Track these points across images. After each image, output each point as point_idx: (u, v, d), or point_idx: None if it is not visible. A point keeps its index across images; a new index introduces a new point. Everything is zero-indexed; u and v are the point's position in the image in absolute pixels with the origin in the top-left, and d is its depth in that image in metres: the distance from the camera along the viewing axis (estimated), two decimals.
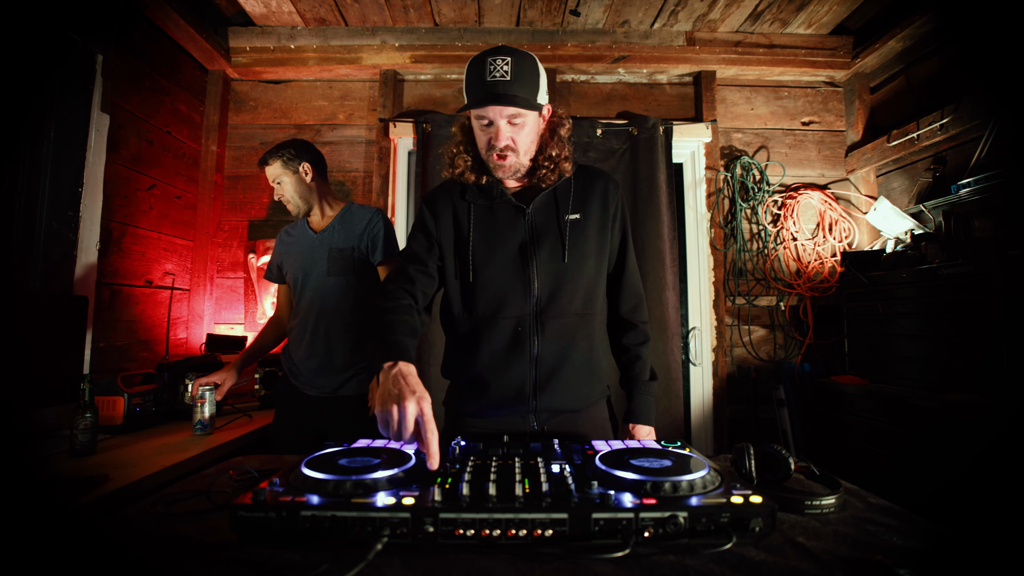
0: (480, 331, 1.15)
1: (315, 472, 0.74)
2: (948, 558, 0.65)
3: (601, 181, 1.23)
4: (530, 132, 1.13)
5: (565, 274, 1.15)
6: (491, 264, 1.15)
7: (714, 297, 2.60)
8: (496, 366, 1.14)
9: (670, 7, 2.43)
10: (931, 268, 1.88)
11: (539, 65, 1.11)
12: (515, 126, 1.10)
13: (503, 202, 1.17)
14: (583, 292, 1.17)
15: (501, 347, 1.14)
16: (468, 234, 1.17)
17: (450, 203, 1.21)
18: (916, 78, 2.42)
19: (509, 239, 1.16)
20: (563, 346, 1.14)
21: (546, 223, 1.17)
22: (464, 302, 1.18)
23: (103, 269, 1.97)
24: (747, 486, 0.72)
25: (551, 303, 1.14)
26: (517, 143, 1.12)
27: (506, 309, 1.14)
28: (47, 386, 1.54)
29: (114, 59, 1.99)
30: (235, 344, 2.31)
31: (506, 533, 0.64)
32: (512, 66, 1.06)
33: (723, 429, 2.53)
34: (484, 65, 1.07)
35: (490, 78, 1.06)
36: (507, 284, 1.14)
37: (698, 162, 2.68)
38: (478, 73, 1.07)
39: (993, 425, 1.56)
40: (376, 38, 2.59)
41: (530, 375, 1.13)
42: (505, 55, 1.06)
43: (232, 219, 2.63)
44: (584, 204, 1.19)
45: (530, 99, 1.08)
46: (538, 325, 1.13)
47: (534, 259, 1.14)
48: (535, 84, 1.10)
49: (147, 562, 0.62)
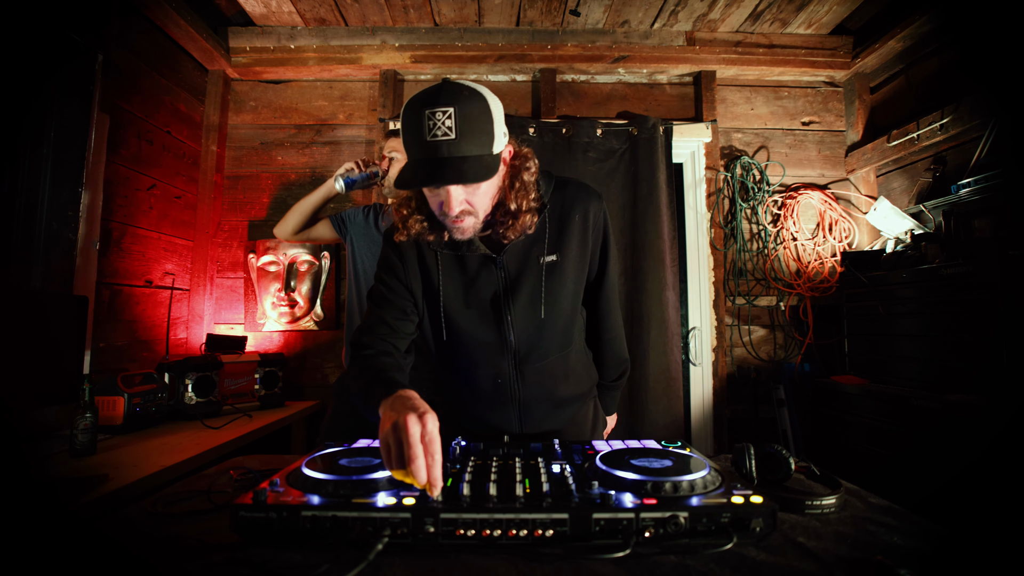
0: (459, 382, 1.15)
1: (316, 472, 0.74)
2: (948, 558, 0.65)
3: (580, 205, 1.07)
4: (489, 190, 0.95)
5: (543, 324, 1.08)
6: (464, 321, 1.07)
7: (714, 297, 2.60)
8: (480, 411, 1.15)
9: (670, 7, 2.43)
10: (931, 268, 1.88)
11: (490, 104, 0.89)
12: (470, 189, 0.92)
13: (471, 252, 1.04)
14: (561, 333, 1.11)
15: (483, 395, 1.13)
16: (438, 288, 1.06)
17: (415, 249, 1.07)
18: (916, 78, 2.42)
19: (482, 291, 1.05)
20: (546, 386, 1.13)
21: (520, 269, 1.05)
22: (440, 357, 1.15)
23: (103, 269, 1.96)
24: (747, 486, 0.72)
25: (530, 352, 1.09)
26: (475, 205, 0.94)
27: (484, 364, 1.10)
28: (47, 386, 1.54)
29: (114, 59, 1.99)
30: (235, 344, 2.31)
31: (507, 533, 0.64)
32: (457, 119, 0.84)
33: (723, 429, 2.53)
34: (422, 120, 0.84)
35: (430, 138, 0.84)
36: (483, 339, 1.08)
37: (698, 162, 2.68)
38: (415, 129, 0.86)
39: (993, 425, 1.56)
40: (376, 38, 2.59)
41: (514, 415, 1.14)
42: (446, 105, 0.84)
43: (232, 219, 2.63)
44: (560, 242, 1.06)
45: (484, 156, 0.88)
46: (518, 374, 1.10)
47: (509, 313, 1.06)
48: (488, 132, 0.89)
49: (147, 562, 0.62)
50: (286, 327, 2.56)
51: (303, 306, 2.55)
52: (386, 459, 0.71)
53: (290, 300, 2.54)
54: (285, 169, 2.65)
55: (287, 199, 2.62)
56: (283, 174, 2.64)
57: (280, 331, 2.56)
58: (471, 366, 1.11)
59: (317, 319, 2.57)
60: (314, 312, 2.57)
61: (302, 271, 2.57)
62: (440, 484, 0.68)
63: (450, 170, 0.85)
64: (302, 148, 2.65)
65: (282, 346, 2.56)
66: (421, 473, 0.67)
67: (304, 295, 2.56)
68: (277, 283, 2.55)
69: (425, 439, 0.70)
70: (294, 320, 2.55)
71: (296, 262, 2.56)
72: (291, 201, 2.60)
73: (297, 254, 2.56)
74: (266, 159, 2.65)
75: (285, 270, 2.55)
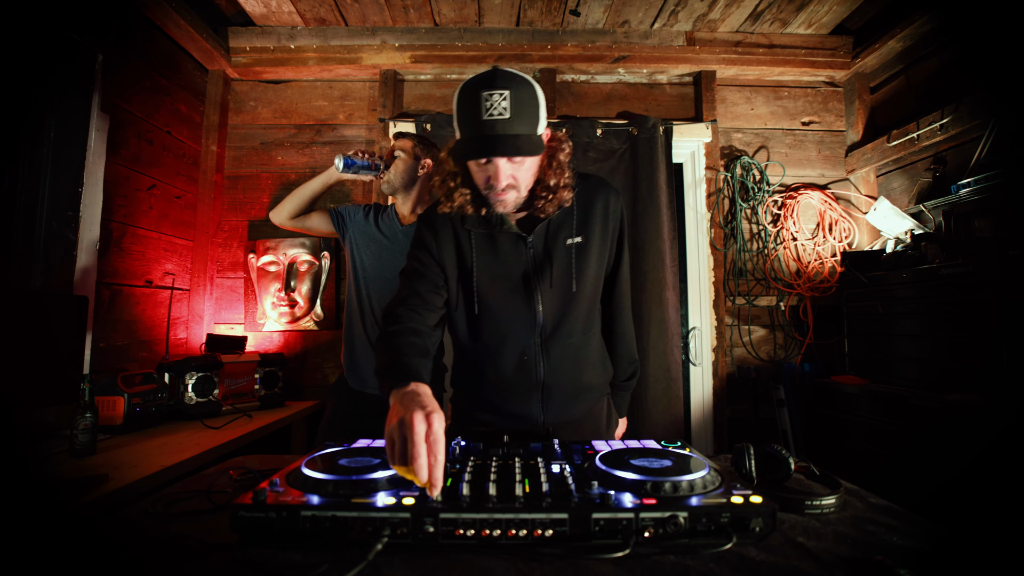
0: (485, 358, 1.17)
1: (315, 472, 0.74)
2: (948, 558, 0.65)
3: (602, 195, 1.17)
4: (531, 167, 1.06)
5: (570, 301, 1.14)
6: (495, 295, 1.13)
7: (714, 297, 2.60)
8: (503, 391, 1.17)
9: (670, 7, 2.43)
10: (931, 268, 1.88)
11: (537, 90, 1.00)
12: (516, 164, 1.02)
13: (504, 231, 1.12)
14: (584, 314, 1.18)
15: (507, 373, 1.16)
16: (471, 265, 1.13)
17: (450, 227, 1.15)
18: (916, 78, 2.42)
19: (512, 269, 1.13)
20: (568, 368, 1.16)
21: (548, 250, 1.13)
22: (469, 331, 1.18)
23: (103, 269, 1.96)
24: (747, 486, 0.72)
25: (556, 330, 1.14)
26: (518, 180, 1.04)
27: (511, 339, 1.14)
28: (47, 386, 1.54)
29: (114, 59, 1.99)
30: (235, 344, 2.31)
31: (506, 533, 0.64)
32: (511, 101, 0.94)
33: (723, 429, 2.53)
34: (479, 101, 0.94)
35: (487, 116, 0.94)
36: (512, 315, 1.13)
37: (698, 162, 2.68)
38: (472, 110, 0.95)
39: (993, 425, 1.56)
40: (376, 38, 2.59)
41: (537, 397, 1.16)
42: (503, 88, 0.94)
43: (232, 219, 2.63)
44: (586, 226, 1.15)
45: (532, 135, 0.99)
46: (543, 352, 1.14)
47: (538, 289, 1.13)
48: (535, 115, 0.99)
49: (147, 562, 0.62)
50: (286, 327, 2.56)
51: (303, 306, 2.55)
52: (390, 454, 0.73)
53: (290, 300, 2.54)
54: (285, 169, 2.65)
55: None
56: (283, 174, 2.64)
57: (280, 331, 2.57)
58: (499, 342, 1.15)
59: (317, 319, 2.57)
60: (314, 312, 2.57)
61: (302, 271, 2.57)
62: (440, 485, 0.69)
63: (505, 145, 0.95)
64: (302, 148, 2.66)
65: (282, 346, 2.56)
66: (423, 472, 0.68)
67: (304, 295, 2.56)
68: (277, 283, 2.55)
69: (430, 439, 0.71)
70: (294, 320, 2.55)
71: (296, 262, 2.56)
72: None
73: (297, 254, 2.56)
74: (266, 159, 2.65)
75: (285, 270, 2.55)
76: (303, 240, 2.56)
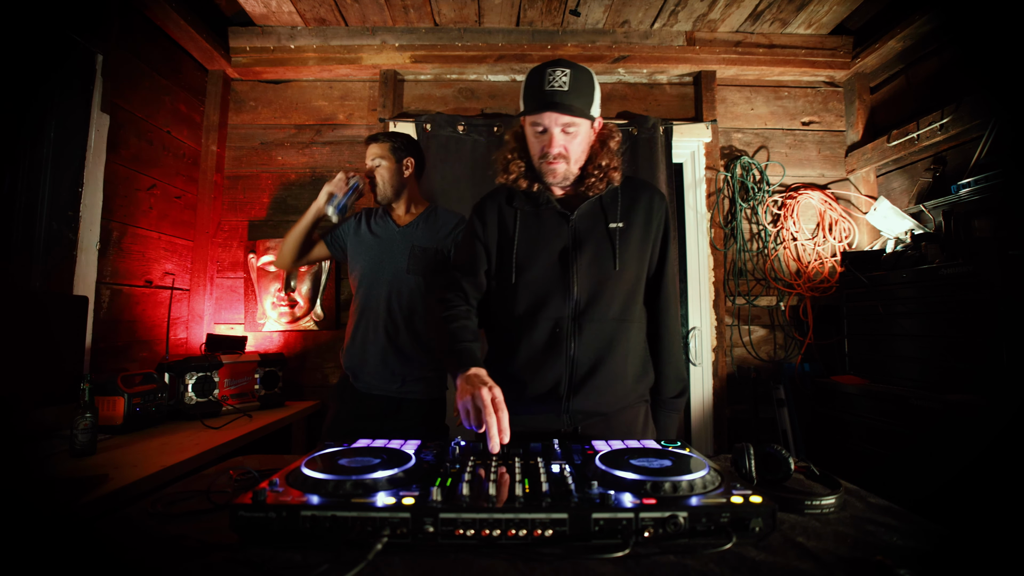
0: (519, 331, 1.20)
1: (315, 472, 0.74)
2: (948, 558, 0.65)
3: (647, 193, 1.27)
4: (582, 141, 1.17)
5: (605, 280, 1.18)
6: (533, 266, 1.19)
7: (714, 297, 2.60)
8: (533, 365, 1.18)
9: (670, 7, 2.43)
10: (931, 268, 1.88)
11: (595, 80, 1.16)
12: (568, 135, 1.14)
13: (548, 208, 1.21)
14: (622, 298, 1.20)
15: (539, 347, 1.18)
16: (513, 237, 1.22)
17: (496, 208, 1.26)
18: (916, 78, 2.42)
19: (552, 243, 1.20)
20: (599, 350, 1.17)
21: (589, 230, 1.20)
22: (506, 302, 1.22)
23: (103, 269, 1.96)
24: (747, 486, 0.72)
25: (590, 307, 1.17)
26: (569, 151, 1.16)
27: (545, 310, 1.18)
28: (47, 386, 1.54)
29: (114, 59, 1.99)
30: (235, 344, 2.31)
31: (506, 533, 0.64)
32: (571, 78, 1.10)
33: (723, 429, 2.53)
34: (543, 75, 1.11)
35: (548, 87, 1.10)
36: (548, 286, 1.18)
37: (698, 162, 2.68)
38: (537, 82, 1.12)
39: (993, 425, 1.56)
40: (376, 38, 2.59)
41: (565, 375, 1.16)
42: (565, 67, 1.11)
43: (232, 219, 2.63)
44: (629, 214, 1.23)
45: (584, 109, 1.13)
46: (576, 328, 1.17)
47: (575, 263, 1.18)
48: (590, 96, 1.14)
49: (147, 562, 0.62)
50: (286, 327, 2.56)
51: (303, 306, 2.55)
52: (465, 419, 0.96)
53: (290, 300, 2.54)
54: (285, 169, 2.65)
55: (287, 199, 2.62)
56: (283, 174, 2.64)
57: (280, 331, 2.56)
58: (534, 310, 1.19)
59: (317, 319, 2.57)
60: (314, 312, 2.57)
61: (302, 271, 2.57)
62: (507, 436, 0.91)
63: (561, 106, 1.10)
64: (302, 148, 2.66)
65: (282, 346, 2.56)
66: (494, 429, 0.90)
67: (304, 295, 2.56)
68: (277, 283, 2.55)
69: (495, 403, 0.93)
70: (294, 320, 2.55)
71: None
72: (291, 201, 2.62)
73: None
74: (266, 159, 2.65)
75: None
76: None
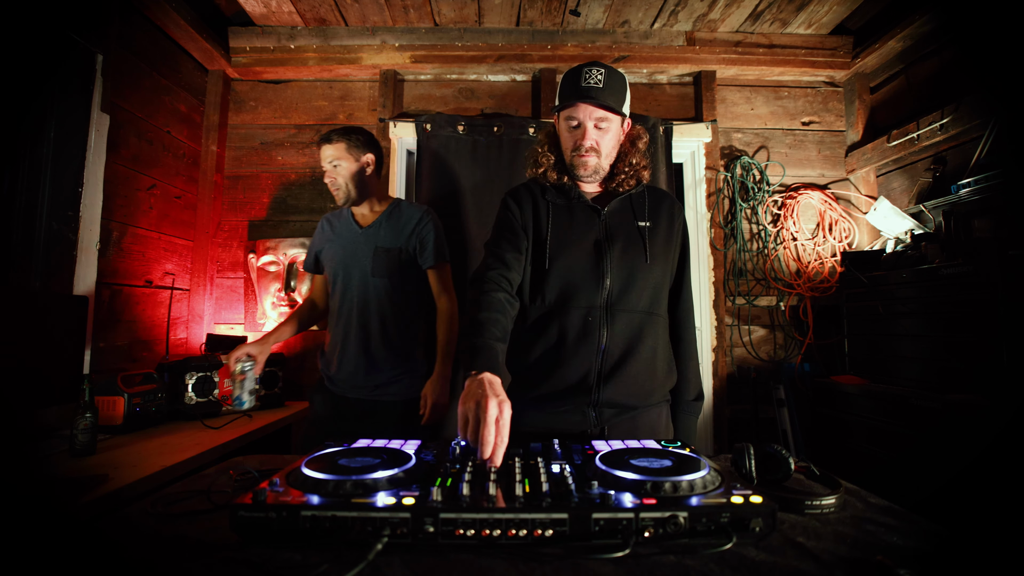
0: (551, 318, 1.21)
1: (315, 472, 0.74)
2: (948, 558, 0.65)
3: (668, 200, 1.32)
4: (613, 137, 1.23)
5: (637, 271, 1.21)
6: (566, 254, 1.22)
7: (714, 297, 2.60)
8: (564, 353, 1.18)
9: (670, 7, 2.43)
10: (931, 268, 1.88)
11: (626, 80, 1.24)
12: (600, 130, 1.20)
13: (580, 203, 1.25)
14: (651, 291, 1.23)
15: (571, 335, 1.18)
16: (546, 226, 1.25)
17: (531, 199, 1.29)
18: (916, 78, 2.42)
19: (585, 235, 1.23)
20: (630, 340, 1.19)
21: (620, 225, 1.24)
22: (538, 289, 1.24)
23: (103, 269, 1.96)
24: (747, 486, 0.72)
25: (622, 297, 1.20)
26: (601, 145, 1.21)
27: (578, 299, 1.19)
28: (47, 386, 1.54)
29: (114, 59, 1.99)
30: (235, 344, 2.31)
31: (506, 533, 0.64)
32: (605, 76, 1.17)
33: (723, 429, 2.53)
34: (580, 73, 1.19)
35: (584, 84, 1.17)
36: (581, 274, 1.20)
37: (698, 162, 2.68)
38: (574, 79, 1.19)
39: (993, 425, 1.56)
40: (376, 38, 2.59)
41: (596, 365, 1.17)
42: (600, 67, 1.19)
43: (232, 219, 2.63)
44: (654, 215, 1.28)
45: (617, 106, 1.19)
46: (608, 317, 1.18)
47: (608, 254, 1.21)
48: (623, 95, 1.22)
49: (147, 562, 0.62)
50: None
51: None
52: (462, 428, 0.89)
53: (290, 300, 2.54)
54: (285, 169, 2.65)
55: (287, 199, 2.62)
56: (283, 174, 2.64)
57: None
58: (565, 300, 1.20)
59: None
60: None
61: (302, 271, 2.57)
62: (499, 463, 0.83)
63: (595, 100, 1.16)
64: (302, 148, 2.66)
65: (282, 346, 2.56)
66: (488, 448, 0.83)
67: (304, 295, 2.56)
68: (277, 283, 2.55)
69: (499, 423, 0.86)
70: None
71: (296, 262, 2.56)
72: (291, 201, 2.62)
73: (297, 254, 2.56)
74: (266, 159, 2.65)
75: (285, 270, 2.55)
76: (303, 240, 2.56)
